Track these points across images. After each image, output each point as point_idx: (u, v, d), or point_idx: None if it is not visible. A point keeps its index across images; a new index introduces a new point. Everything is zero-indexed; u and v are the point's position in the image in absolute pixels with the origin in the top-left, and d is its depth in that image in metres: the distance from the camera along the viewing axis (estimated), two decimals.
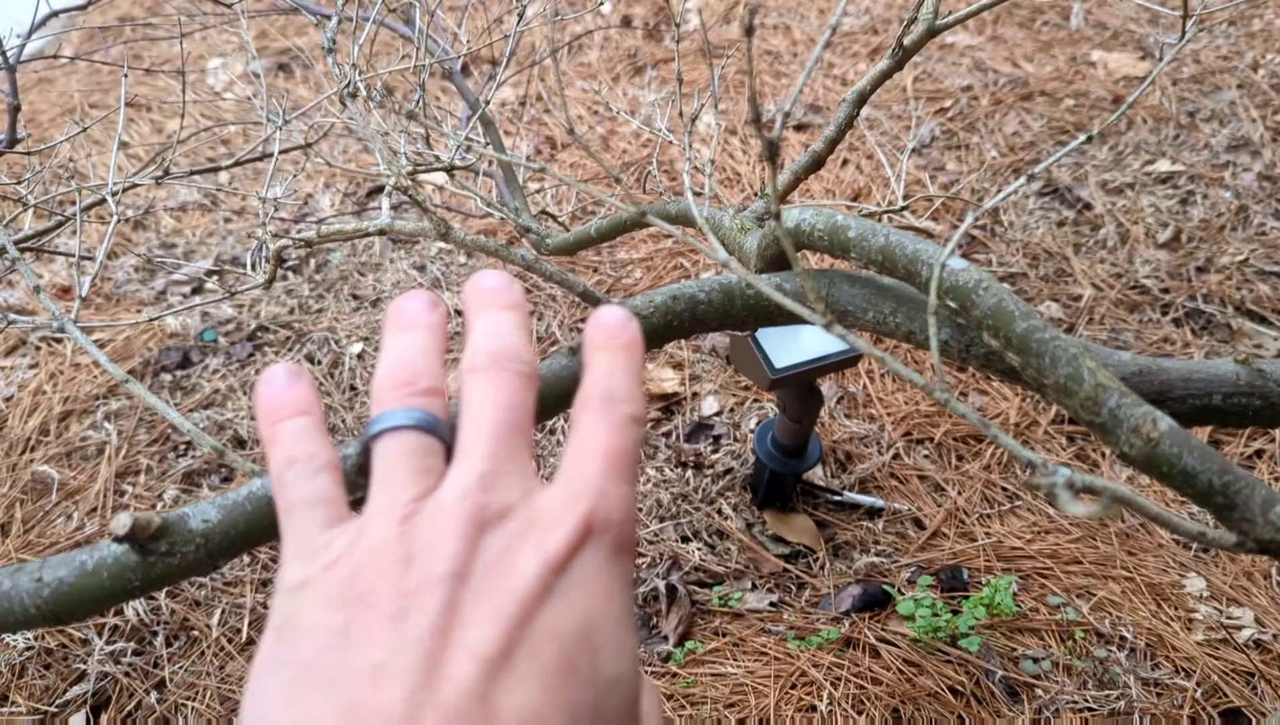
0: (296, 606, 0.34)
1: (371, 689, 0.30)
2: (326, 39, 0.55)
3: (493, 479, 0.36)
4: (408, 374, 0.41)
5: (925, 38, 0.89)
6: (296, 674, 0.32)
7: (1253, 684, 1.24)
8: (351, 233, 0.53)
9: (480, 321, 0.42)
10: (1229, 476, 0.45)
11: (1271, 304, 1.80)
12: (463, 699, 0.30)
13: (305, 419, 0.41)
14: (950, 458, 1.58)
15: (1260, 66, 2.49)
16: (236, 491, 0.49)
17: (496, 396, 0.39)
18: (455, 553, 0.33)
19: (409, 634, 0.31)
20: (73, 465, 1.68)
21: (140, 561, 0.47)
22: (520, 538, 0.34)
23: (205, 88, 2.84)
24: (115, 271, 2.14)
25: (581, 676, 0.32)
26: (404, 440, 0.38)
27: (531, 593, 0.32)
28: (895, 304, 0.57)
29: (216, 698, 1.33)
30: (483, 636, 0.31)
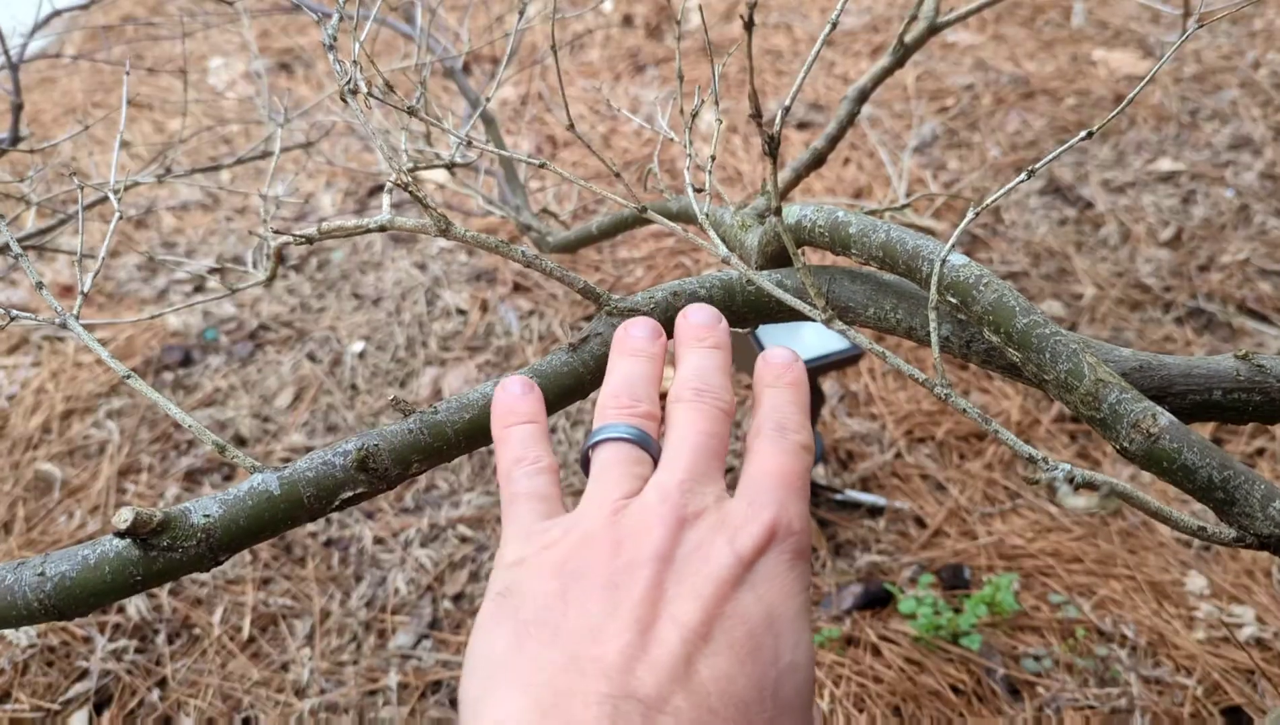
0: (517, 578, 0.41)
1: (591, 644, 0.36)
2: (328, 36, 0.55)
3: (691, 485, 0.42)
4: (630, 398, 0.47)
5: (926, 35, 0.89)
6: (520, 629, 0.38)
7: (1253, 682, 1.24)
8: (352, 230, 0.53)
9: (689, 358, 0.49)
10: (1228, 471, 0.45)
11: (1273, 302, 1.80)
12: (670, 659, 0.36)
13: (533, 427, 0.48)
14: (952, 456, 1.58)
15: (1262, 65, 2.49)
16: (238, 487, 0.49)
17: (699, 423, 0.45)
18: (659, 540, 0.39)
19: (622, 602, 0.37)
20: (75, 463, 1.68)
21: (142, 556, 0.47)
22: (713, 533, 0.40)
23: (207, 87, 2.84)
24: (117, 271, 2.14)
25: (765, 657, 0.38)
26: (621, 449, 0.45)
27: (726, 580, 0.38)
28: (896, 300, 0.57)
29: (218, 695, 1.34)
30: (686, 610, 0.37)
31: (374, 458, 0.50)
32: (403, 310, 1.97)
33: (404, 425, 0.51)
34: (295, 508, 0.49)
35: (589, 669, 0.35)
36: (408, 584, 1.47)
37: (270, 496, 0.49)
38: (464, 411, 0.52)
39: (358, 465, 0.49)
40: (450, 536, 1.53)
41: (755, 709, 0.36)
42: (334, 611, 1.44)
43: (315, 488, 0.49)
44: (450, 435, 0.52)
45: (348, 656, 1.38)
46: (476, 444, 0.53)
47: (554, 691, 0.35)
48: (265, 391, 1.81)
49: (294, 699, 1.33)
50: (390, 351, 1.88)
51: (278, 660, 1.38)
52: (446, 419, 0.52)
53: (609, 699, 0.34)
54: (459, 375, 1.81)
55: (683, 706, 0.35)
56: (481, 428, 0.52)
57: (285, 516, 0.49)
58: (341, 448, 0.50)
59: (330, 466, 0.50)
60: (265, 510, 0.49)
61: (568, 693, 0.35)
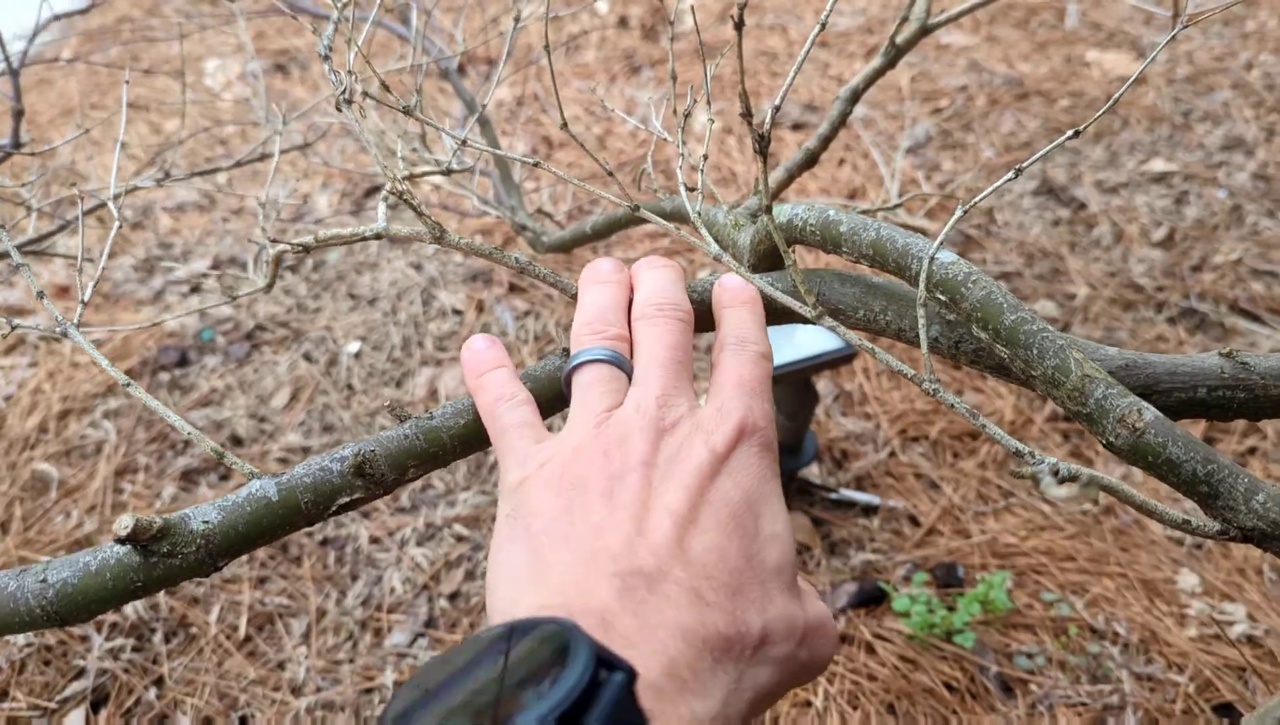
0: (522, 497, 0.45)
1: (597, 540, 0.41)
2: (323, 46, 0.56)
3: (665, 399, 0.47)
4: (602, 323, 0.51)
5: (918, 36, 0.90)
6: (534, 542, 0.43)
7: (1245, 679, 1.25)
8: (348, 237, 0.54)
9: (644, 279, 0.54)
10: (1212, 465, 0.46)
11: (1265, 302, 1.81)
12: (665, 538, 0.41)
13: (504, 370, 0.52)
14: (945, 455, 1.59)
15: (1254, 67, 2.50)
16: (236, 493, 0.50)
17: (664, 338, 0.50)
18: (644, 449, 0.45)
19: (619, 502, 0.43)
20: (72, 463, 1.69)
21: (142, 562, 0.47)
22: (690, 437, 0.45)
23: (203, 88, 2.84)
24: (114, 271, 2.15)
25: (748, 531, 0.43)
26: (598, 370, 0.50)
27: (705, 472, 0.44)
28: (886, 302, 0.58)
29: (215, 694, 1.34)
30: (674, 499, 0.43)
31: (370, 463, 0.50)
32: (398, 310, 1.97)
33: (400, 431, 0.52)
34: (293, 513, 0.50)
35: (599, 558, 0.41)
36: (403, 583, 1.47)
37: (268, 502, 0.49)
38: (459, 416, 0.53)
39: (354, 471, 0.50)
40: (446, 535, 1.53)
41: (746, 573, 0.42)
42: (330, 610, 1.44)
43: (313, 493, 0.50)
44: (446, 440, 0.52)
45: (344, 655, 1.39)
46: (472, 449, 0.53)
47: (574, 581, 0.40)
48: (262, 392, 1.82)
49: (290, 697, 1.34)
50: (386, 352, 1.88)
51: (274, 659, 1.39)
52: (442, 424, 0.52)
53: (617, 575, 0.40)
54: (455, 375, 1.81)
55: (682, 576, 0.40)
56: (477, 432, 0.53)
57: (283, 522, 0.50)
58: (338, 454, 0.50)
59: (327, 472, 0.50)
60: (264, 516, 0.49)
61: (585, 577, 0.40)
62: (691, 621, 0.39)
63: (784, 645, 0.43)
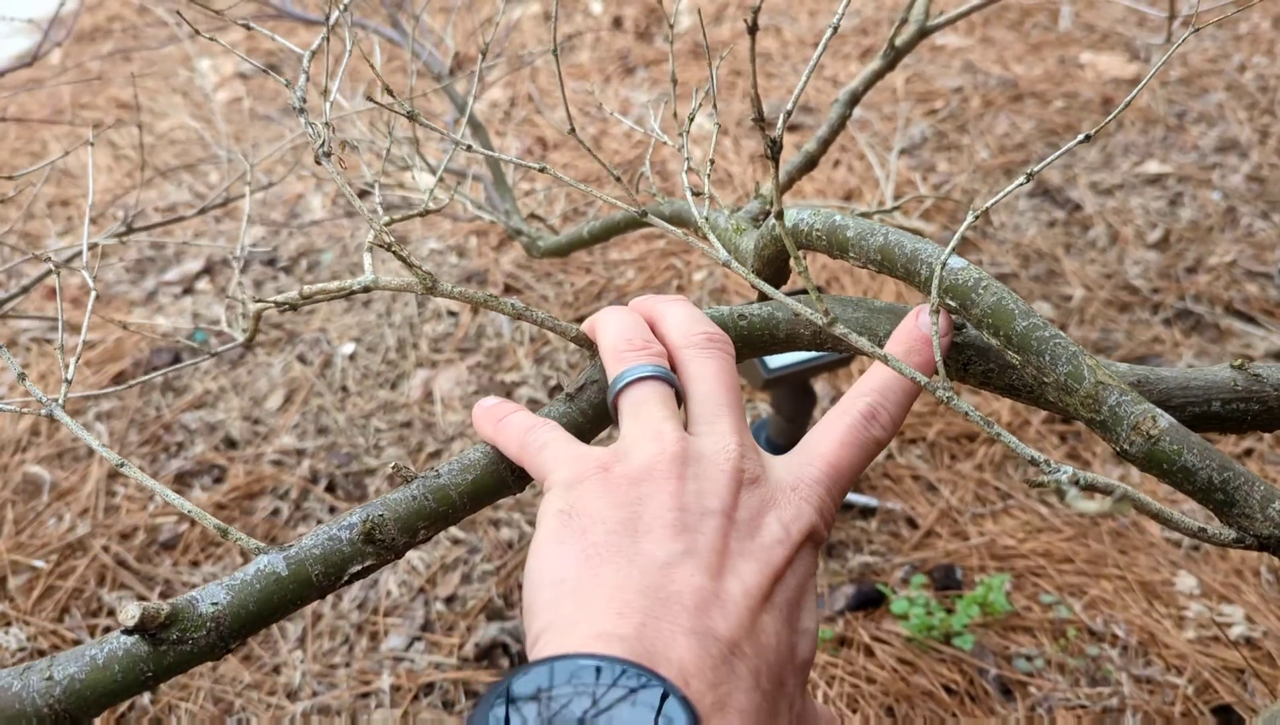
0: (579, 497, 0.43)
1: (665, 578, 0.39)
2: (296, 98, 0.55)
3: (744, 451, 0.45)
4: (641, 339, 0.50)
5: (916, 38, 0.89)
6: (590, 551, 0.41)
7: (1243, 681, 1.25)
8: (335, 292, 0.53)
9: (671, 310, 0.52)
10: (1228, 473, 0.46)
11: (1259, 304, 1.81)
12: (739, 610, 0.39)
13: (523, 412, 0.51)
14: (943, 457, 1.59)
15: (1247, 69, 2.51)
16: (244, 570, 0.48)
17: (723, 374, 0.49)
18: (724, 497, 0.43)
19: (694, 546, 0.41)
20: (64, 466, 1.67)
21: (152, 651, 0.46)
22: (765, 505, 0.44)
23: (196, 89, 2.83)
24: (106, 272, 2.13)
25: (796, 625, 0.42)
26: (655, 387, 0.48)
27: (780, 557, 0.42)
28: (890, 325, 0.57)
29: (210, 698, 1.33)
30: (751, 571, 0.41)
31: (380, 529, 0.49)
32: (393, 312, 1.97)
33: (407, 492, 0.51)
34: (304, 587, 0.48)
35: (669, 600, 0.39)
36: (399, 586, 1.46)
37: (278, 578, 0.48)
38: (467, 472, 0.52)
39: (364, 538, 0.49)
40: (442, 539, 1.53)
41: (788, 667, 0.41)
42: (326, 614, 1.43)
43: (323, 565, 0.49)
44: (455, 498, 0.51)
45: (340, 659, 1.38)
46: (481, 504, 0.52)
47: (641, 612, 0.38)
48: (255, 393, 1.81)
49: (286, 702, 1.33)
50: (381, 353, 1.88)
51: (269, 663, 1.38)
52: (450, 482, 0.51)
53: (694, 633, 0.38)
54: (450, 377, 1.81)
55: (749, 652, 0.39)
56: (486, 487, 0.51)
57: (295, 597, 0.48)
58: (346, 521, 0.49)
59: (336, 541, 0.49)
60: (274, 593, 0.48)
61: (655, 616, 0.38)
62: (753, 708, 0.37)
63: None
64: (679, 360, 0.50)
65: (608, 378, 0.50)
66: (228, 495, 1.60)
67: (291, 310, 0.55)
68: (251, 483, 1.62)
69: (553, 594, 0.40)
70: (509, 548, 1.50)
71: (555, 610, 0.40)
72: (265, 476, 1.64)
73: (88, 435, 0.51)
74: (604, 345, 0.51)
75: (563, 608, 0.40)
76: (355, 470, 1.65)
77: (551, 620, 0.40)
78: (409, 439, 1.70)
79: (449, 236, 2.16)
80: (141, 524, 1.56)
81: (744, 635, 0.39)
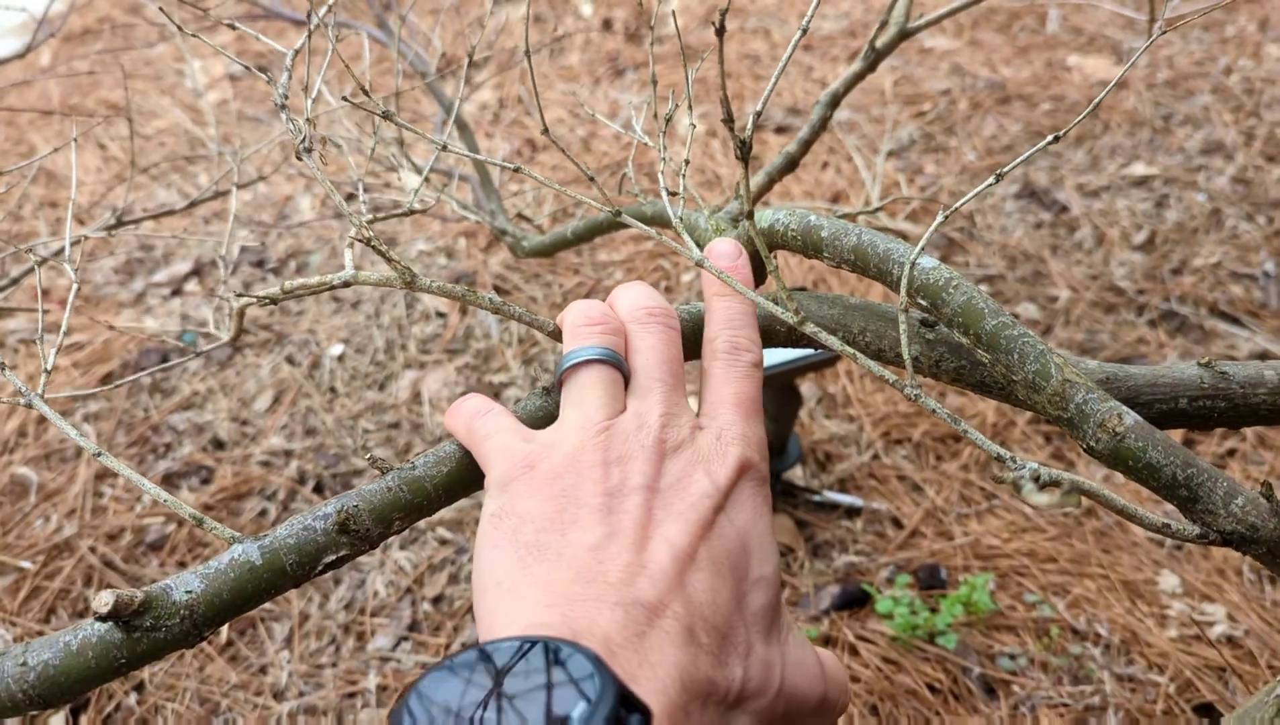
0: (510, 498, 0.44)
1: (593, 562, 0.41)
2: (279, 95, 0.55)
3: (669, 419, 0.46)
4: (599, 316, 0.51)
5: (897, 40, 0.90)
6: (523, 551, 0.42)
7: (1225, 679, 1.26)
8: (315, 287, 0.53)
9: (624, 291, 0.53)
10: (1192, 469, 0.46)
11: (1244, 306, 1.82)
12: (664, 573, 0.41)
13: (481, 397, 0.52)
14: (928, 458, 1.60)
15: (1233, 71, 2.52)
16: (219, 559, 0.48)
17: (660, 346, 0.50)
18: (647, 471, 0.44)
19: (619, 525, 0.42)
20: (51, 467, 1.67)
21: (125, 638, 0.46)
22: (691, 466, 0.45)
23: (185, 91, 2.83)
24: (94, 274, 2.13)
25: (740, 572, 0.43)
26: (598, 371, 0.48)
27: (707, 508, 0.44)
28: (865, 322, 0.58)
29: (196, 699, 1.33)
30: (675, 532, 0.42)
31: (354, 519, 0.49)
32: (381, 313, 1.97)
33: (382, 483, 0.51)
34: (278, 576, 0.49)
35: (595, 581, 0.40)
36: (387, 586, 1.47)
37: (252, 567, 0.48)
38: (443, 464, 0.52)
39: (338, 528, 0.49)
40: (429, 539, 1.53)
41: (735, 618, 0.42)
42: (313, 614, 1.44)
43: (297, 554, 0.49)
44: (430, 490, 0.52)
45: (326, 659, 1.38)
46: (457, 496, 0.52)
47: (568, 599, 0.39)
48: (244, 394, 1.81)
49: (272, 702, 1.33)
50: (369, 354, 1.88)
51: (256, 663, 1.38)
52: (425, 473, 0.52)
53: (619, 605, 0.39)
54: (438, 378, 1.81)
55: (680, 611, 0.40)
56: (461, 478, 0.52)
57: (269, 586, 0.49)
58: (321, 511, 0.50)
59: (311, 531, 0.49)
60: (248, 582, 0.48)
61: (581, 599, 0.39)
62: (686, 662, 0.38)
63: (761, 699, 0.42)
64: (627, 336, 0.51)
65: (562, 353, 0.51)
66: (215, 496, 1.60)
67: (273, 305, 0.55)
68: (239, 483, 1.62)
69: (492, 598, 0.42)
70: None
71: (493, 615, 0.41)
72: (253, 477, 1.64)
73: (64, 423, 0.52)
74: (565, 326, 0.52)
75: (500, 612, 0.41)
76: (343, 471, 1.65)
77: (490, 625, 0.41)
78: (397, 440, 1.70)
79: (438, 238, 2.17)
80: (129, 525, 1.56)
81: (672, 596, 0.40)
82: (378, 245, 0.52)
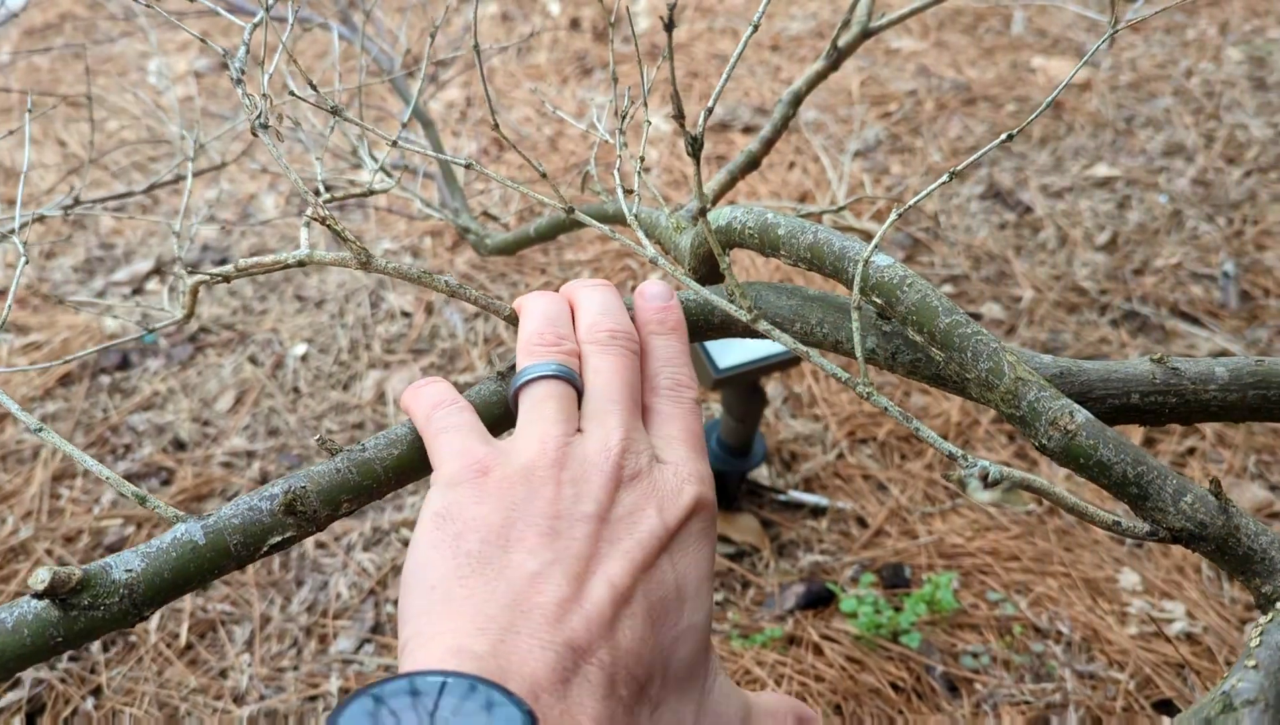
0: (456, 499, 0.43)
1: (531, 589, 0.39)
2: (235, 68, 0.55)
3: (630, 444, 0.45)
4: (554, 334, 0.49)
5: (859, 39, 0.90)
6: (462, 561, 0.41)
7: (1183, 675, 1.27)
8: (270, 266, 0.53)
9: (586, 298, 0.52)
10: (1142, 467, 0.47)
11: (1204, 306, 1.84)
12: (599, 614, 0.39)
13: (444, 384, 0.51)
14: (893, 457, 1.60)
15: (1194, 74, 2.55)
16: (161, 538, 0.48)
17: (621, 371, 0.48)
18: (600, 499, 0.43)
19: (562, 553, 0.41)
20: (7, 469, 1.65)
21: (62, 616, 0.45)
22: (645, 499, 0.44)
23: (148, 87, 2.80)
24: (53, 272, 2.10)
25: (671, 620, 0.42)
26: (552, 386, 0.47)
27: (653, 548, 0.42)
28: (823, 313, 0.58)
29: (155, 703, 1.31)
30: (617, 571, 0.41)
31: (301, 500, 0.49)
32: (346, 313, 1.95)
33: (331, 465, 0.50)
34: (222, 557, 0.48)
35: (531, 612, 0.39)
36: (350, 588, 1.45)
37: (195, 547, 0.48)
38: (393, 446, 0.51)
39: (285, 509, 0.48)
40: (393, 540, 1.52)
41: (655, 668, 0.41)
42: (274, 617, 1.42)
43: (242, 535, 0.48)
44: (380, 472, 0.51)
45: (288, 662, 1.37)
46: (407, 479, 0.52)
47: (500, 628, 0.38)
48: (205, 395, 1.79)
49: (232, 706, 1.31)
50: (333, 354, 1.86)
51: (216, 667, 1.36)
52: (375, 456, 0.51)
53: (551, 645, 0.38)
54: (403, 378, 1.80)
55: (606, 659, 0.39)
56: (412, 462, 0.51)
57: (212, 566, 0.48)
58: (267, 492, 0.49)
59: (256, 512, 0.49)
60: (190, 561, 0.47)
61: (514, 631, 0.38)
62: (604, 716, 0.38)
63: None
64: (583, 355, 0.50)
65: (516, 370, 0.50)
66: (175, 497, 1.58)
67: (226, 282, 0.54)
68: (200, 484, 1.60)
69: (423, 601, 0.41)
70: None
71: (423, 619, 0.40)
72: (214, 478, 1.62)
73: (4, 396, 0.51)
74: (520, 335, 0.51)
75: (430, 617, 0.40)
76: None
77: (418, 629, 0.40)
78: (361, 440, 1.69)
79: (403, 237, 2.15)
80: (86, 527, 1.54)
81: (601, 640, 0.39)
82: (333, 224, 0.51)
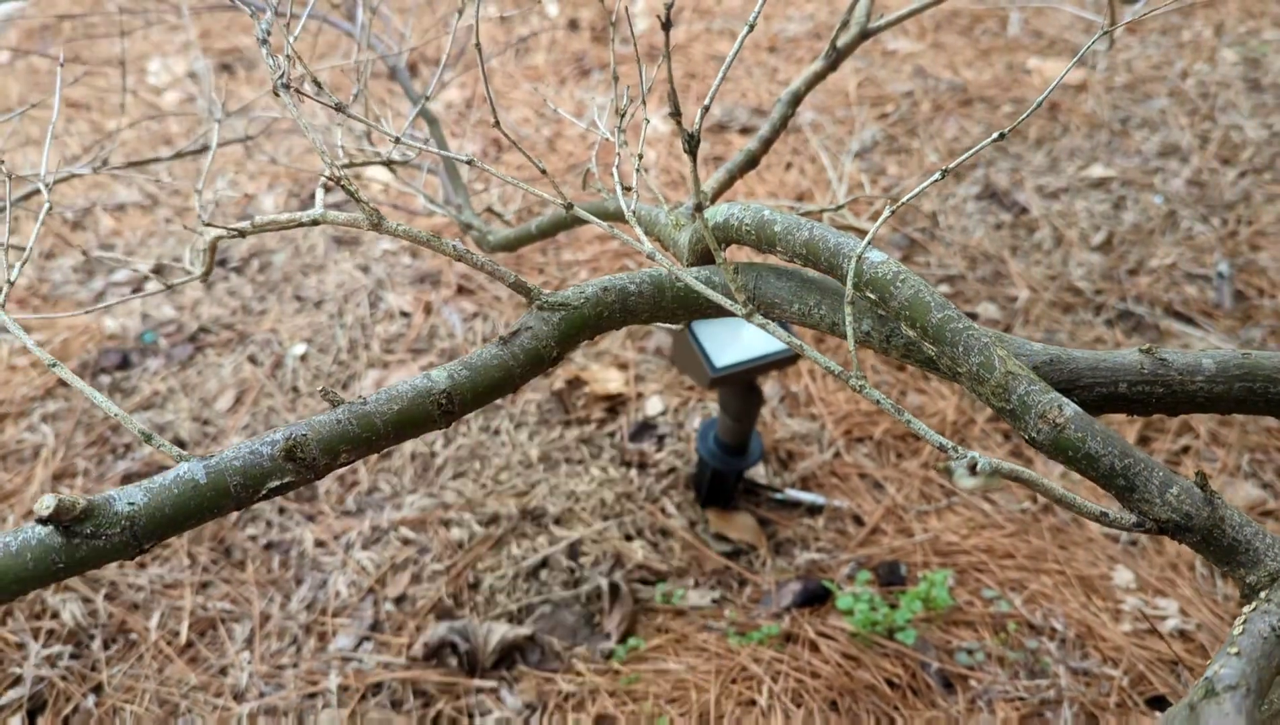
0: None
1: None
2: (261, 30, 0.56)
3: None
4: None
5: (858, 39, 0.91)
6: None
7: (1176, 672, 1.28)
8: (285, 223, 0.54)
9: None
10: (1129, 459, 0.47)
11: (1198, 305, 1.85)
12: None
13: None
14: (889, 455, 1.61)
15: (1189, 76, 2.56)
16: (164, 475, 0.49)
17: None
18: None
19: None
20: (8, 468, 1.65)
21: (65, 543, 0.47)
22: None
23: (147, 87, 2.80)
24: (53, 272, 2.11)
25: None
26: None
27: None
28: (820, 297, 0.58)
29: (155, 700, 1.32)
30: None
31: (301, 447, 0.50)
32: (345, 312, 1.96)
33: (332, 415, 0.52)
34: (221, 496, 0.49)
35: None
36: (349, 586, 1.46)
37: (196, 484, 0.49)
38: (393, 403, 0.53)
39: (285, 454, 0.50)
40: (392, 539, 1.52)
41: None
42: (274, 615, 1.43)
43: (242, 476, 0.50)
44: (379, 426, 0.52)
45: (287, 660, 1.37)
46: (405, 435, 0.53)
47: None
48: (205, 394, 1.79)
49: (232, 703, 1.32)
50: (332, 354, 1.87)
51: (216, 664, 1.37)
52: (375, 410, 0.52)
53: None
54: (402, 377, 1.80)
55: None
56: (411, 419, 0.53)
57: (211, 505, 0.49)
58: (269, 437, 0.50)
59: (257, 455, 0.50)
60: (191, 498, 0.49)
61: None
62: None
63: None
64: None
65: None
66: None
67: (242, 237, 0.55)
68: None
69: None
70: (459, 548, 1.50)
71: None
72: None
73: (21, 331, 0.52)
74: None
75: None
76: None
77: None
78: None
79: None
80: None
81: None
82: (348, 185, 0.52)
